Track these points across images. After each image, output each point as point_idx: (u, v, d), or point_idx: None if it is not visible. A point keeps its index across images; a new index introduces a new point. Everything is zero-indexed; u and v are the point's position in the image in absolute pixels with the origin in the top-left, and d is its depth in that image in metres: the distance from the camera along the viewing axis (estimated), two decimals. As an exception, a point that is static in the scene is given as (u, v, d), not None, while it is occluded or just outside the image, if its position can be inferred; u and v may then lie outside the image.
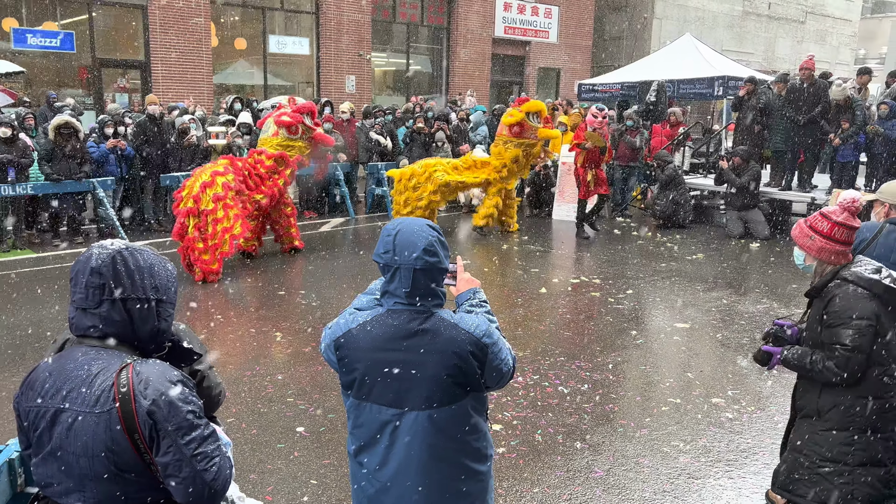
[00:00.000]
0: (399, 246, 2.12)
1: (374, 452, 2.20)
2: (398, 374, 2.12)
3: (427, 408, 2.12)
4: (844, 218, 2.78)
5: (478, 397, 2.22)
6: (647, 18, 23.85)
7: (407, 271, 2.11)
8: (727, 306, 7.61)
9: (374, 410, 2.17)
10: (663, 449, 4.50)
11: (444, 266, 2.17)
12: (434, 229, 2.18)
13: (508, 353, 2.24)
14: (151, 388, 1.79)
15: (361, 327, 2.18)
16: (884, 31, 33.37)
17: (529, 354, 6.05)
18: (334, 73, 17.76)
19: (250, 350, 6.12)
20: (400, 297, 2.14)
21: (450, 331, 2.13)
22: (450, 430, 2.16)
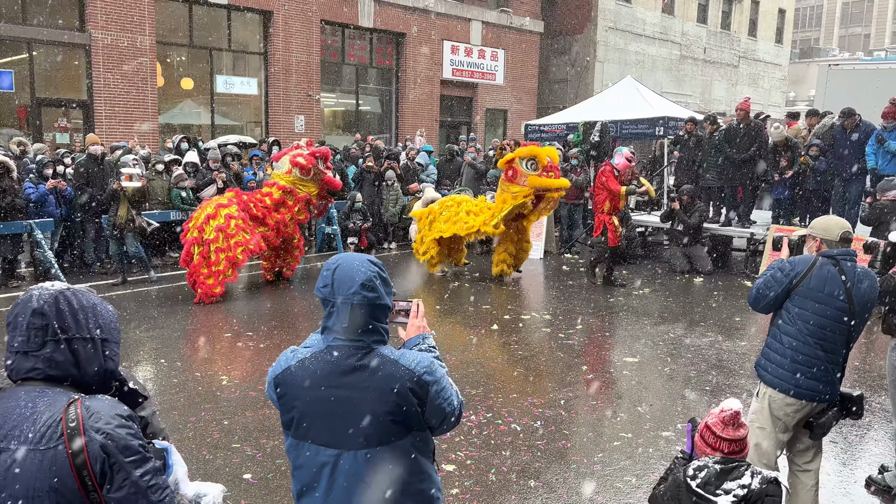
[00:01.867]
0: (338, 281, 2.07)
1: (315, 496, 2.11)
2: (335, 412, 2.05)
3: (366, 447, 2.05)
4: (726, 433, 2.77)
5: (420, 436, 2.14)
6: (590, 61, 24.64)
7: (345, 306, 2.06)
8: (674, 340, 7.74)
9: (313, 451, 2.09)
10: (616, 484, 4.51)
11: (385, 303, 2.12)
12: (375, 265, 2.13)
13: (454, 393, 2.18)
14: (103, 421, 1.73)
15: (300, 364, 2.11)
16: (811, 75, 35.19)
17: (482, 392, 6.02)
18: (283, 113, 17.73)
19: (195, 395, 5.92)
20: (339, 333, 2.09)
21: (389, 367, 2.06)
22: (390, 470, 2.07)
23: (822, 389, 3.61)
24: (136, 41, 14.97)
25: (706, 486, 2.63)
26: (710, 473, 2.66)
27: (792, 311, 3.63)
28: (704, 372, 6.72)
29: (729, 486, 2.62)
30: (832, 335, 3.55)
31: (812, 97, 22.87)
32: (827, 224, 3.75)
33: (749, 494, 2.58)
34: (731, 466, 2.67)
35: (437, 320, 8.43)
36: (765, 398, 3.77)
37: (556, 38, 25.01)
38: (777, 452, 3.79)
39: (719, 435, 2.75)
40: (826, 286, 3.52)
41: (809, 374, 3.59)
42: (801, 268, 3.62)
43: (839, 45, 60.76)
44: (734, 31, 30.69)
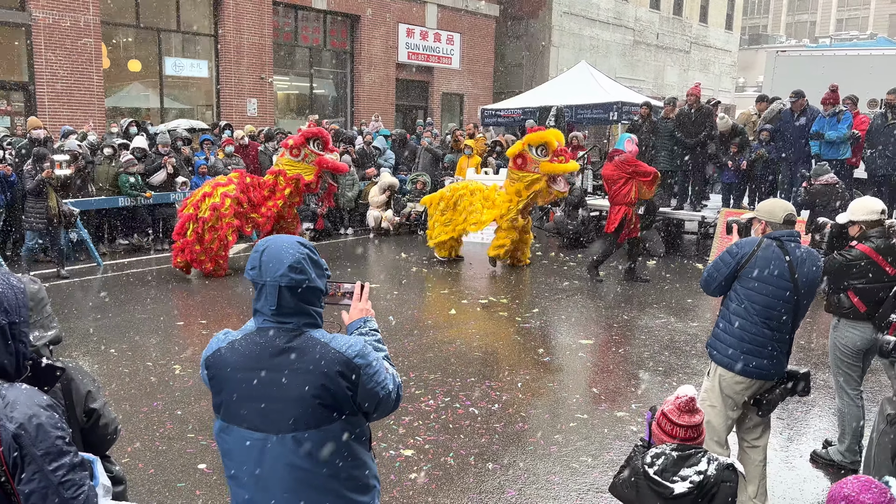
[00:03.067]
0: (265, 262, 2.04)
1: (245, 480, 2.08)
2: (262, 395, 2.02)
3: (293, 431, 2.00)
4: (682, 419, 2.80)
5: (352, 421, 2.09)
6: (545, 46, 24.72)
7: (272, 288, 2.03)
8: (627, 322, 7.88)
9: (241, 434, 2.05)
10: (572, 465, 4.58)
11: (316, 285, 2.08)
12: (305, 246, 2.09)
13: (390, 378, 2.14)
14: (18, 411, 1.69)
15: (230, 346, 2.09)
16: (760, 61, 36.00)
17: (440, 376, 6.04)
18: (235, 96, 17.35)
19: (146, 384, 5.80)
20: (268, 315, 2.05)
21: (318, 349, 2.03)
22: (320, 456, 2.03)
23: (769, 367, 3.73)
24: (80, 21, 14.43)
25: (663, 472, 2.67)
26: (667, 460, 2.69)
27: (740, 291, 3.74)
28: (657, 353, 6.86)
29: (685, 473, 2.65)
30: (778, 314, 3.66)
31: (761, 83, 23.41)
32: (772, 207, 3.87)
33: (705, 480, 2.62)
34: (687, 453, 2.71)
35: (395, 306, 8.40)
36: (715, 377, 3.87)
37: (511, 22, 25.00)
38: (727, 430, 3.90)
39: (675, 422, 2.79)
40: (771, 267, 3.64)
41: (757, 352, 3.70)
42: (748, 249, 3.73)
43: (786, 32, 62.27)
44: (686, 17, 31.14)
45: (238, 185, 9.22)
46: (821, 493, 4.39)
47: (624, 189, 9.07)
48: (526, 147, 9.37)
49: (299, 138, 9.34)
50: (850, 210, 4.49)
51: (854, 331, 4.46)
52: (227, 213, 9.00)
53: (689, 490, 2.59)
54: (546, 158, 9.31)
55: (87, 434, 2.23)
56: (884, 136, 9.75)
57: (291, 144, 9.28)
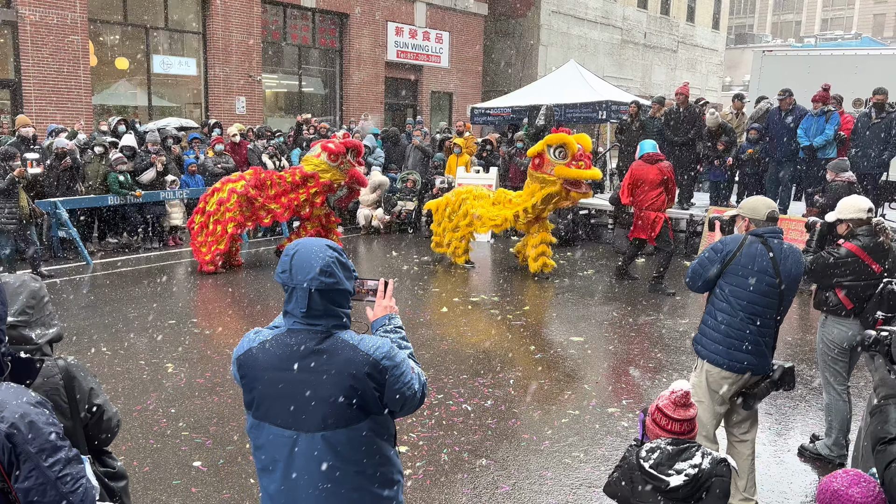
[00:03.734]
0: (296, 266, 2.09)
1: (275, 475, 2.14)
2: (293, 395, 2.08)
3: (322, 430, 2.07)
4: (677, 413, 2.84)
5: (379, 420, 2.15)
6: (534, 45, 24.79)
7: (303, 292, 2.07)
8: (618, 319, 7.95)
9: (272, 431, 2.12)
10: (565, 460, 4.63)
11: (345, 287, 2.12)
12: (335, 250, 2.14)
13: (416, 377, 2.19)
14: (8, 410, 1.70)
15: (261, 346, 2.14)
16: (746, 60, 36.28)
17: (433, 373, 6.07)
18: (223, 95, 17.29)
19: (139, 383, 5.79)
20: (297, 318, 2.11)
21: (347, 351, 2.08)
22: (348, 453, 2.09)
23: (754, 362, 3.79)
24: (67, 18, 14.32)
25: (658, 466, 2.70)
26: (662, 454, 2.73)
27: (725, 288, 3.82)
28: (647, 349, 6.93)
29: (680, 466, 2.69)
30: (762, 310, 3.74)
31: (747, 82, 23.60)
32: (755, 204, 3.94)
33: (700, 474, 2.65)
34: (682, 447, 2.74)
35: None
36: (702, 372, 3.94)
37: (500, 20, 25.05)
38: (715, 424, 3.96)
39: (671, 416, 2.82)
40: (755, 263, 3.71)
41: (742, 347, 3.77)
42: (732, 246, 3.81)
43: (772, 31, 62.76)
44: (673, 17, 31.32)
45: (250, 180, 9.53)
46: (808, 486, 4.46)
47: (656, 192, 8.94)
48: (545, 147, 8.94)
49: (341, 147, 9.62)
50: (837, 209, 4.56)
51: (841, 327, 4.54)
52: (232, 208, 9.38)
53: (685, 483, 2.62)
54: (563, 162, 8.83)
55: (90, 429, 2.25)
56: (868, 135, 9.87)
57: (333, 149, 9.57)
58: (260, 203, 9.55)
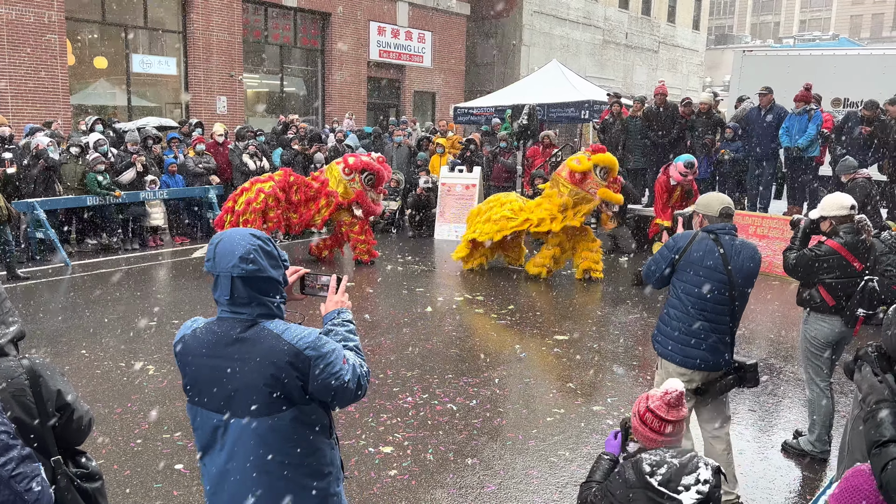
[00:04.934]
0: (219, 254, 2.13)
1: (211, 456, 2.20)
2: (219, 381, 2.12)
3: (248, 416, 2.11)
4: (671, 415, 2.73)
5: (305, 410, 2.15)
6: (516, 45, 24.83)
7: (226, 279, 2.11)
8: (601, 317, 7.96)
9: (204, 415, 2.17)
10: (550, 459, 4.61)
11: (269, 275, 2.14)
12: (259, 238, 2.16)
13: (349, 369, 2.17)
14: None
15: (193, 333, 2.21)
16: (726, 61, 36.60)
17: (418, 373, 6.04)
18: (204, 94, 17.15)
19: (120, 385, 5.71)
20: (223, 305, 2.16)
21: (269, 340, 2.10)
22: (273, 441, 2.12)
23: (708, 358, 3.78)
24: (44, 17, 14.12)
25: (668, 483, 2.51)
26: (671, 469, 2.53)
27: (677, 285, 3.83)
28: (631, 348, 6.95)
29: (687, 481, 2.50)
30: (713, 306, 3.73)
31: (727, 82, 23.79)
32: (709, 201, 3.95)
33: (710, 490, 2.48)
34: (686, 459, 2.57)
35: (371, 304, 8.39)
36: (663, 369, 3.95)
37: (482, 21, 25.07)
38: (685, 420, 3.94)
39: (664, 418, 2.72)
40: (704, 259, 3.72)
41: (695, 343, 3.76)
42: (682, 243, 3.82)
43: (751, 32, 63.39)
44: (654, 17, 31.52)
45: (279, 182, 9.65)
46: (792, 482, 4.49)
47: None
48: (592, 167, 8.97)
49: (358, 164, 9.78)
50: (821, 206, 4.59)
51: (823, 324, 4.56)
52: (259, 208, 9.45)
53: (698, 501, 2.45)
54: (605, 183, 9.04)
55: (61, 429, 2.22)
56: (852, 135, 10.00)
57: (350, 164, 9.72)
58: (283, 207, 9.65)
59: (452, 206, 12.78)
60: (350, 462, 4.50)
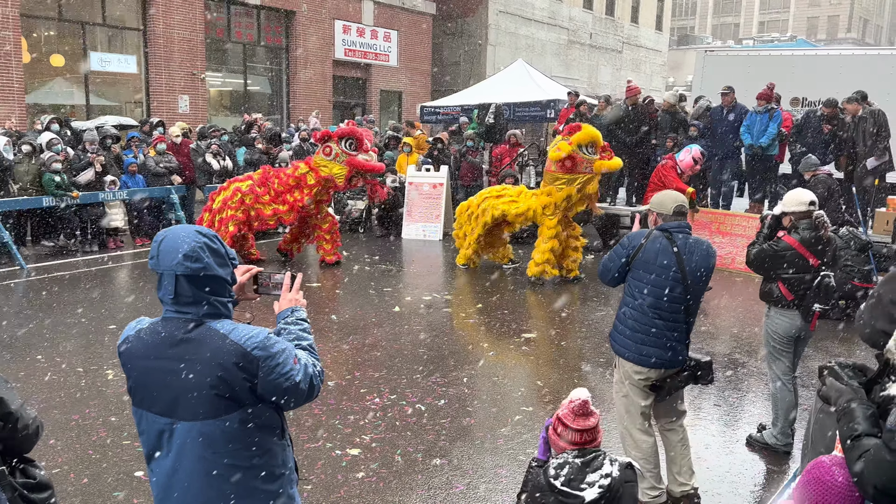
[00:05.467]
0: (162, 251, 2.06)
1: (158, 461, 2.14)
2: (164, 384, 2.06)
3: (195, 419, 2.04)
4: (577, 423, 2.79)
5: (255, 412, 2.10)
6: (482, 45, 24.88)
7: (169, 277, 2.05)
8: (568, 315, 7.99)
9: (150, 419, 2.11)
10: (519, 457, 4.60)
11: (216, 274, 2.08)
12: (205, 235, 2.10)
13: (300, 369, 2.13)
14: None
15: (137, 335, 2.14)
16: (688, 61, 37.14)
17: (385, 374, 5.99)
18: (166, 93, 16.83)
19: (77, 391, 5.55)
20: (168, 304, 2.09)
21: (215, 341, 2.04)
22: (222, 444, 2.06)
23: (664, 356, 3.78)
24: (-4, 13, 13.73)
25: (571, 482, 2.63)
26: (572, 469, 2.65)
27: (632, 283, 3.83)
28: (598, 345, 6.98)
29: (592, 478, 2.62)
30: (668, 304, 3.73)
31: (689, 82, 24.15)
32: (662, 199, 3.95)
33: (612, 483, 2.60)
34: (589, 458, 2.67)
35: (338, 305, 8.30)
36: (620, 367, 3.96)
37: (448, 20, 25.07)
38: (644, 417, 3.96)
39: (570, 426, 2.76)
40: (658, 258, 3.71)
41: (650, 342, 3.76)
42: (637, 241, 3.81)
43: (713, 33, 64.45)
44: (618, 18, 31.87)
45: (257, 179, 9.61)
46: (757, 475, 4.54)
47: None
48: (576, 147, 8.63)
49: (325, 133, 9.48)
50: (782, 201, 4.66)
51: (783, 318, 4.62)
52: (234, 206, 9.45)
53: (601, 495, 2.56)
54: (597, 157, 8.70)
55: (5, 439, 2.14)
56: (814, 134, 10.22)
57: (319, 137, 9.49)
58: (266, 201, 9.50)
59: (420, 205, 12.73)
60: (316, 465, 4.43)
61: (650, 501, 3.89)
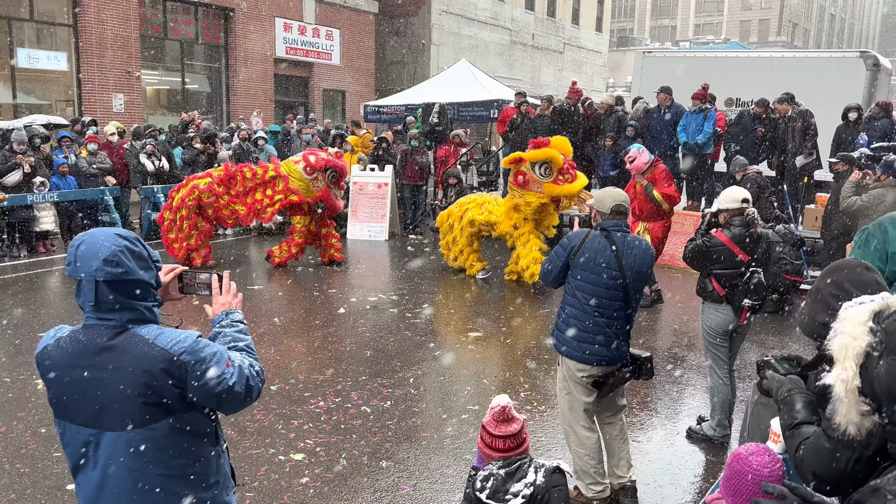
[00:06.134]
0: (80, 257, 1.99)
1: (84, 475, 2.05)
2: (88, 394, 1.98)
3: (121, 429, 1.97)
4: (499, 430, 2.81)
5: (185, 419, 2.03)
6: (425, 44, 24.86)
7: (89, 284, 1.97)
8: (514, 312, 8.04)
9: (74, 430, 2.03)
10: (465, 456, 4.59)
11: (139, 278, 2.01)
12: (125, 238, 2.03)
13: (235, 371, 2.04)
14: None
15: (56, 343, 2.06)
16: (628, 62, 37.95)
17: (330, 376, 5.91)
18: (99, 91, 16.25)
19: (4, 402, 5.29)
20: (89, 311, 2.02)
21: (140, 347, 1.97)
22: (152, 454, 2.00)
23: (605, 353, 3.83)
24: (-87, 5, 13.02)
25: (495, 494, 2.63)
26: (496, 481, 2.66)
27: (572, 282, 3.88)
28: (543, 341, 7.04)
29: (516, 488, 2.63)
30: (607, 302, 3.78)
31: (629, 83, 24.67)
32: (602, 197, 4.01)
33: (536, 491, 2.61)
34: (514, 468, 2.68)
35: (281, 307, 8.16)
36: (563, 365, 4.00)
37: (391, 19, 24.96)
38: (587, 414, 4.01)
39: (493, 433, 2.78)
40: (597, 257, 3.77)
41: (591, 339, 3.81)
42: (576, 241, 3.86)
43: (651, 35, 66.01)
44: (559, 19, 32.29)
45: (217, 178, 9.52)
46: (697, 466, 4.65)
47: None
48: (528, 165, 8.35)
49: (320, 163, 9.48)
50: (718, 199, 4.78)
51: (717, 313, 4.74)
52: (192, 205, 9.39)
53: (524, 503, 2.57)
54: (550, 179, 8.31)
55: None
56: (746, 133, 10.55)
57: (311, 163, 9.41)
58: (225, 202, 9.46)
59: (365, 205, 12.64)
60: (258, 472, 4.33)
61: (593, 496, 3.94)
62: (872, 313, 1.71)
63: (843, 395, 1.67)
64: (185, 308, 7.06)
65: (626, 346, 3.90)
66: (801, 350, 6.95)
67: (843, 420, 1.69)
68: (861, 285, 2.06)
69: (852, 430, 1.68)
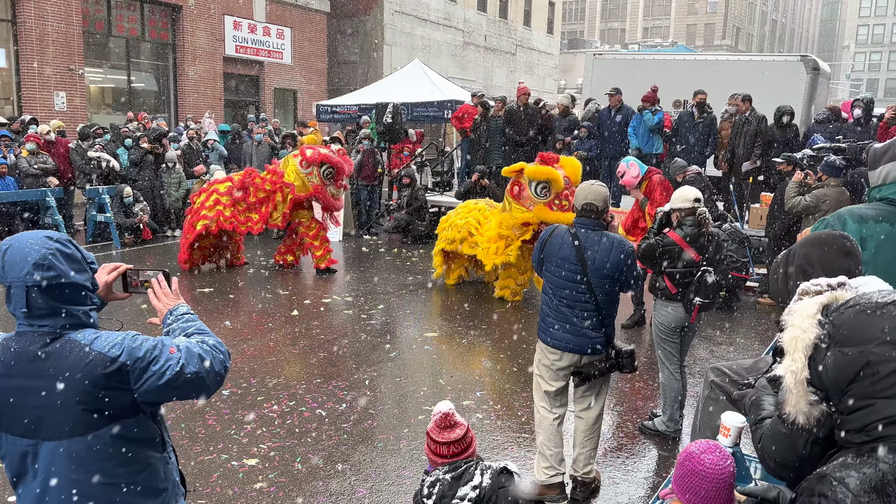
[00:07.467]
0: (9, 262, 1.90)
1: (24, 486, 1.98)
2: (23, 403, 1.90)
3: (60, 438, 1.90)
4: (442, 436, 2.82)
5: (128, 424, 1.97)
6: (378, 44, 24.76)
7: (19, 290, 1.89)
8: (469, 312, 8.06)
9: (10, 441, 1.95)
10: (422, 458, 4.57)
11: (73, 281, 1.93)
12: (57, 241, 1.95)
13: (182, 355, 1.97)
14: None
15: None
16: (579, 64, 38.48)
17: (283, 380, 5.82)
18: (39, 89, 15.71)
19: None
20: (21, 319, 1.93)
21: (76, 353, 1.90)
22: (94, 462, 1.93)
23: (573, 341, 3.97)
24: None
25: (442, 499, 2.66)
26: (443, 486, 2.68)
27: (545, 273, 4.12)
28: (499, 340, 7.08)
29: (463, 492, 2.65)
30: (572, 294, 3.96)
31: (580, 84, 25.01)
32: (577, 193, 4.18)
33: (482, 494, 2.64)
34: (460, 472, 2.71)
35: (233, 310, 8.01)
36: (538, 349, 4.19)
37: (343, 19, 24.78)
38: (547, 396, 4.14)
39: (437, 440, 2.80)
40: (560, 251, 3.99)
41: (559, 327, 4.01)
42: (545, 236, 4.12)
43: (601, 37, 67.09)
44: (511, 21, 32.55)
45: (237, 182, 9.47)
46: (649, 461, 4.73)
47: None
48: (525, 178, 7.79)
49: (315, 157, 9.29)
50: (671, 199, 4.87)
51: (668, 310, 4.84)
52: (209, 207, 9.36)
53: None
54: (544, 200, 7.73)
55: None
56: (690, 133, 10.75)
57: (307, 157, 9.24)
58: (244, 207, 9.44)
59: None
60: (210, 478, 4.24)
61: (546, 480, 4.03)
62: (821, 306, 1.75)
63: (793, 385, 1.71)
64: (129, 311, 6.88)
65: (601, 339, 3.98)
66: (746, 347, 7.14)
67: (793, 410, 1.73)
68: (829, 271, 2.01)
69: (801, 420, 1.72)
